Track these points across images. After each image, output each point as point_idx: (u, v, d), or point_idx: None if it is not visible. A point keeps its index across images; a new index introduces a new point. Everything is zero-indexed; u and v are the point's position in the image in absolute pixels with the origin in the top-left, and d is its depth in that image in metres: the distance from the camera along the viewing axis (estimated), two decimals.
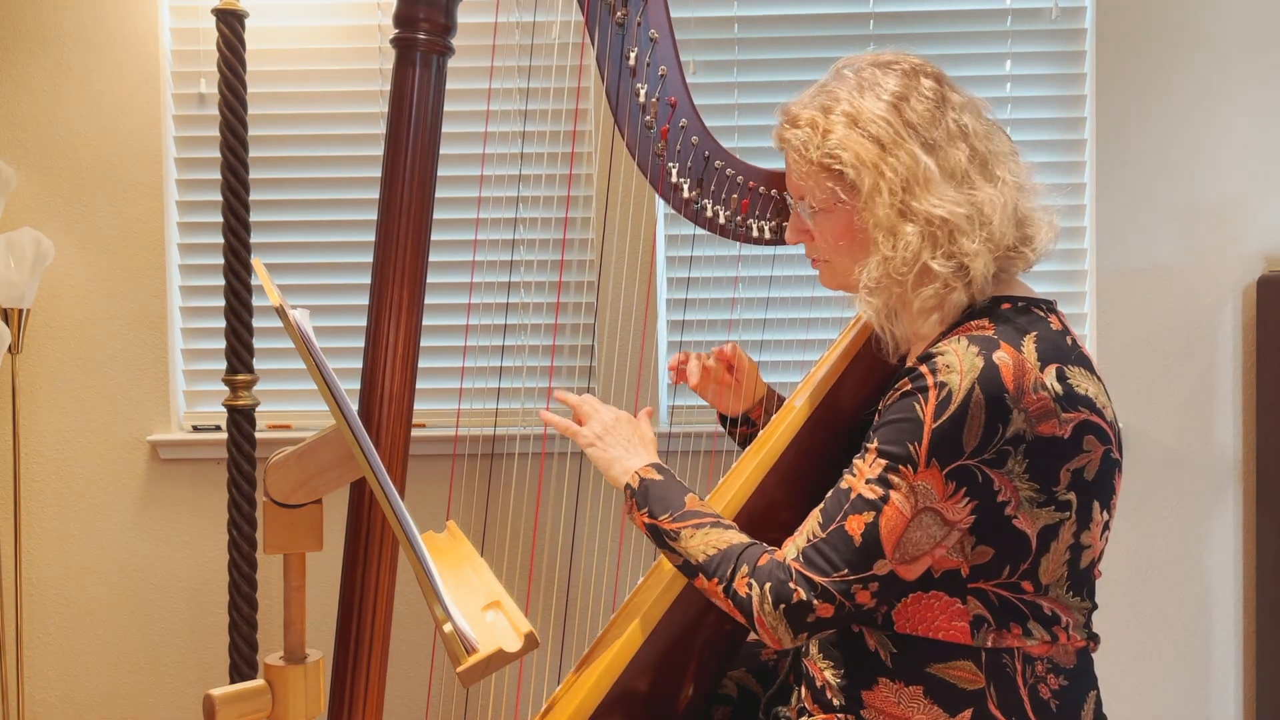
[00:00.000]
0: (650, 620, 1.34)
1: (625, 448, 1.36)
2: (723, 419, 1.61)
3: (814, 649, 1.29)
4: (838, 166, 1.20)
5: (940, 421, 1.11)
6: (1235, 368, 2.24)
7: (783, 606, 1.14)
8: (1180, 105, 2.22)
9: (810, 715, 1.28)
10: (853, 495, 1.15)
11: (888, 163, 1.17)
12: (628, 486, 1.31)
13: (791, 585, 1.15)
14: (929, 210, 1.16)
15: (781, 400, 1.59)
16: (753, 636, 1.39)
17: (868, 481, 1.14)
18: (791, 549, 1.18)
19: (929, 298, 1.18)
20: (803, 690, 1.31)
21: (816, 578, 1.14)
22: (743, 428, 1.59)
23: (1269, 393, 2.16)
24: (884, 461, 1.14)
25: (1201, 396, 2.24)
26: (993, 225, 1.17)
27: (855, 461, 1.18)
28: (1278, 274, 2.18)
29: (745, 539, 1.22)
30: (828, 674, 1.25)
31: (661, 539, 1.26)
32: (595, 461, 1.37)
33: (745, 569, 1.18)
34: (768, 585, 1.16)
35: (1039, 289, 1.27)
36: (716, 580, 1.20)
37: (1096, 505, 1.17)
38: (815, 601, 1.14)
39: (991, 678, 1.17)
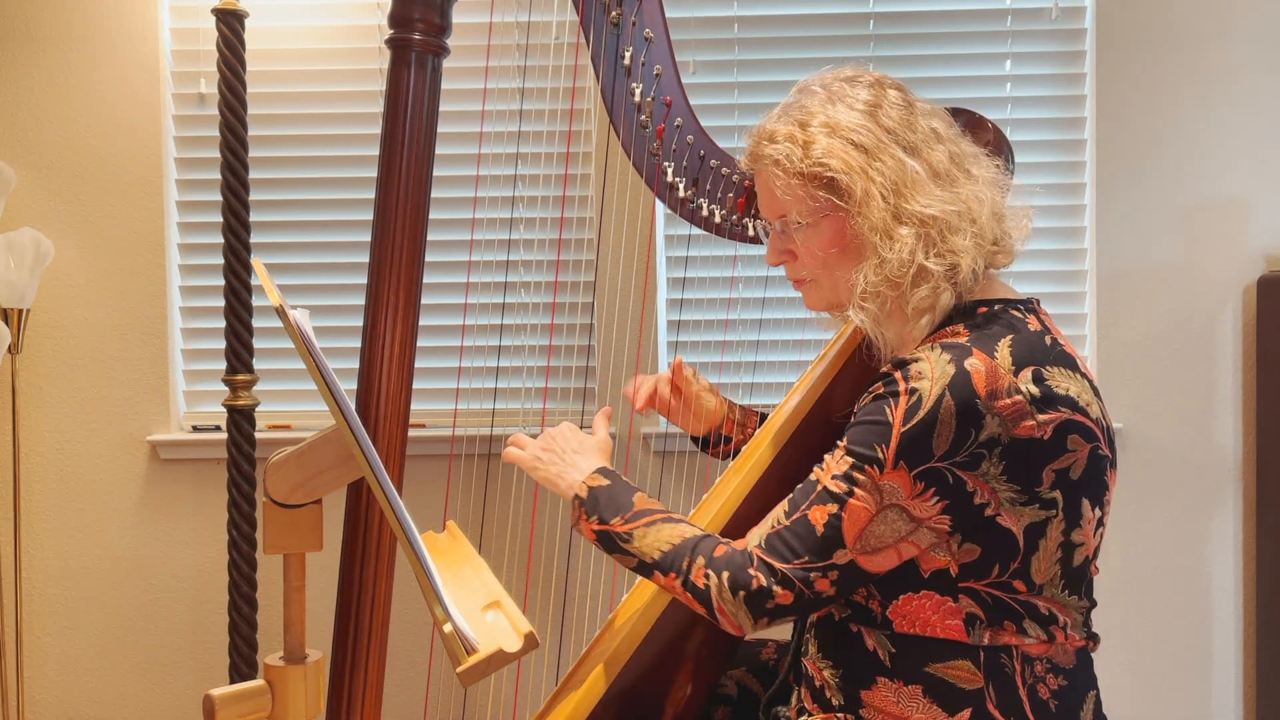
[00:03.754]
0: (649, 619, 1.34)
1: (567, 460, 1.34)
2: (695, 441, 1.61)
3: (813, 649, 1.29)
4: (828, 174, 1.20)
5: (909, 426, 1.12)
6: (1235, 368, 2.23)
7: (742, 594, 1.16)
8: (1180, 105, 2.22)
9: (810, 715, 1.28)
10: (819, 488, 1.17)
11: (875, 167, 1.18)
12: (576, 498, 1.30)
13: (751, 571, 1.16)
14: (921, 211, 1.17)
15: (745, 411, 1.60)
16: (753, 635, 1.39)
17: (834, 477, 1.16)
18: (755, 536, 1.19)
19: (924, 298, 1.19)
20: (802, 690, 1.31)
21: (777, 564, 1.15)
22: (719, 446, 1.58)
23: (1269, 393, 2.16)
24: (850, 459, 1.15)
25: (1201, 396, 2.24)
26: (980, 221, 1.19)
27: (825, 457, 1.19)
28: (1278, 274, 2.18)
29: (699, 531, 1.23)
30: (827, 673, 1.26)
31: (613, 543, 1.25)
32: (543, 484, 1.36)
33: (701, 560, 1.19)
34: (725, 574, 1.17)
35: (1038, 289, 1.27)
36: (674, 575, 1.20)
37: (1086, 503, 1.17)
38: (775, 588, 1.15)
39: (990, 677, 1.17)
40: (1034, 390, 1.13)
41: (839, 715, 1.24)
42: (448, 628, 0.87)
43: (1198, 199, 2.23)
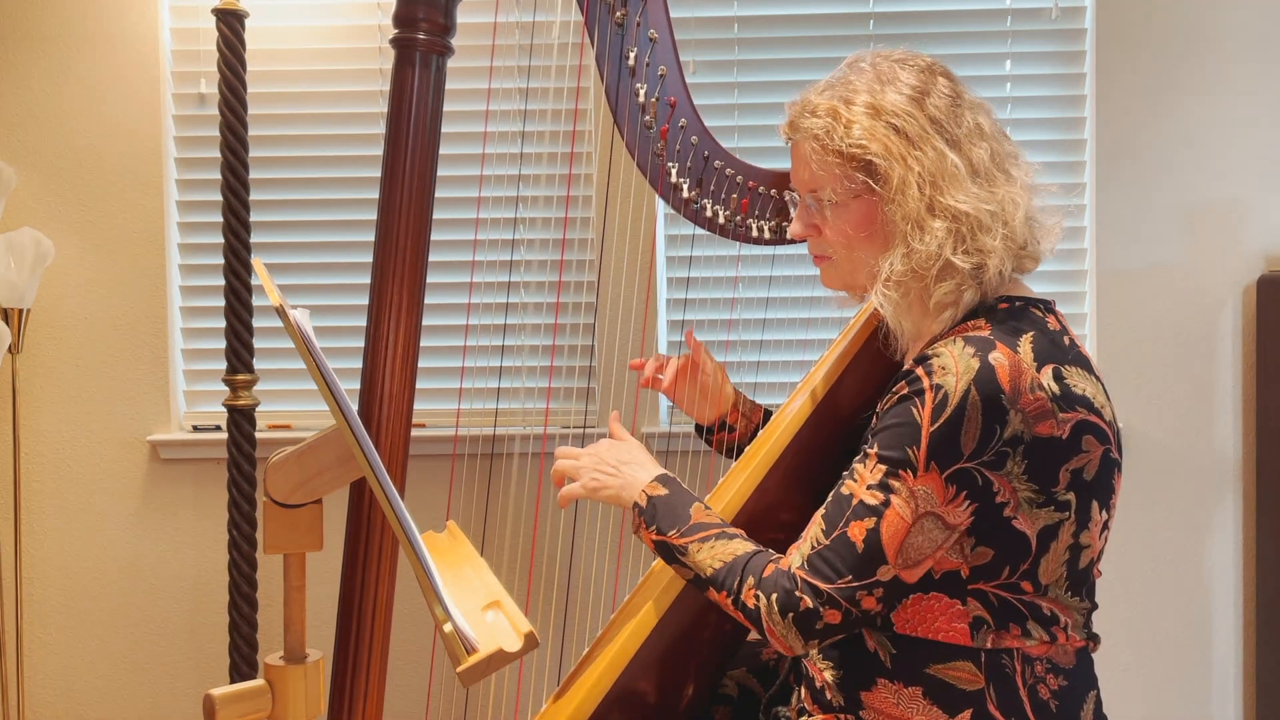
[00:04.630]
0: (650, 620, 1.34)
1: (622, 473, 1.32)
2: (699, 430, 1.60)
3: (814, 649, 1.29)
4: (867, 156, 1.18)
5: (938, 424, 1.11)
6: (1235, 368, 2.24)
7: (791, 616, 1.15)
8: (1180, 105, 2.22)
9: (810, 715, 1.28)
10: (854, 501, 1.15)
11: (914, 156, 1.17)
12: (635, 505, 1.29)
13: (798, 594, 1.15)
14: (955, 206, 1.16)
15: (753, 404, 1.59)
16: (754, 636, 1.40)
17: (868, 487, 1.14)
18: (796, 557, 1.18)
19: (948, 293, 1.18)
20: (802, 690, 1.31)
21: (822, 585, 1.14)
22: (723, 434, 1.57)
23: (1269, 393, 2.16)
24: (884, 467, 1.14)
25: (1201, 396, 2.24)
26: (1013, 224, 1.18)
27: (855, 466, 1.18)
28: (1278, 274, 2.18)
29: (750, 548, 1.22)
30: (827, 674, 1.25)
31: (671, 554, 1.25)
32: (606, 502, 1.34)
33: (751, 580, 1.18)
34: (774, 596, 1.16)
35: (1038, 289, 1.27)
36: (725, 593, 1.20)
37: (1095, 505, 1.17)
38: (822, 609, 1.14)
39: (991, 678, 1.17)
40: (1054, 388, 1.13)
41: (839, 716, 1.24)
42: (448, 627, 0.87)
43: (1198, 199, 2.23)
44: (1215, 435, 2.24)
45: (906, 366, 1.18)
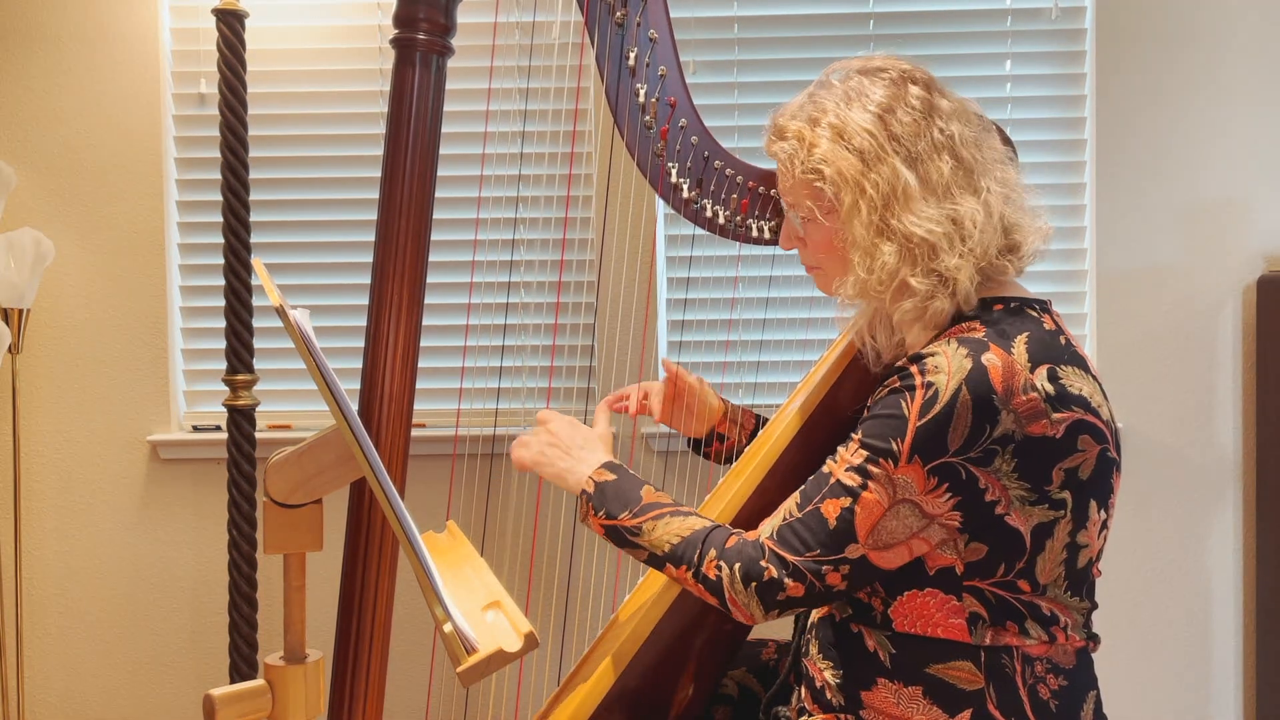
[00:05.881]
0: (650, 620, 1.34)
1: (573, 455, 1.34)
2: (691, 444, 1.61)
3: (814, 649, 1.29)
4: (819, 184, 1.21)
5: (925, 420, 1.12)
6: (1235, 368, 2.24)
7: (754, 585, 1.16)
8: (1180, 105, 2.22)
9: (810, 715, 1.28)
10: (832, 480, 1.17)
11: (869, 179, 1.18)
12: (583, 493, 1.29)
13: (763, 563, 1.16)
14: (907, 229, 1.17)
15: (743, 411, 1.61)
16: (753, 636, 1.40)
17: (847, 469, 1.16)
18: (767, 528, 1.20)
19: (907, 310, 1.20)
20: (802, 690, 1.31)
21: (789, 556, 1.16)
22: (716, 444, 1.59)
23: (1269, 393, 2.16)
24: (865, 452, 1.15)
25: (1201, 396, 2.24)
26: (974, 239, 1.17)
27: (839, 449, 1.19)
28: (1278, 274, 2.18)
29: (708, 522, 1.23)
30: (827, 674, 1.26)
31: (622, 537, 1.26)
32: (550, 480, 1.36)
33: (713, 552, 1.19)
34: (737, 565, 1.17)
35: (1038, 289, 1.27)
36: (685, 567, 1.21)
37: (1093, 504, 1.18)
38: (786, 580, 1.15)
39: (991, 678, 1.17)
40: (1049, 388, 1.13)
41: (839, 716, 1.24)
42: (448, 628, 0.87)
43: (1198, 199, 2.23)
44: (1215, 435, 2.24)
45: (900, 364, 1.19)
